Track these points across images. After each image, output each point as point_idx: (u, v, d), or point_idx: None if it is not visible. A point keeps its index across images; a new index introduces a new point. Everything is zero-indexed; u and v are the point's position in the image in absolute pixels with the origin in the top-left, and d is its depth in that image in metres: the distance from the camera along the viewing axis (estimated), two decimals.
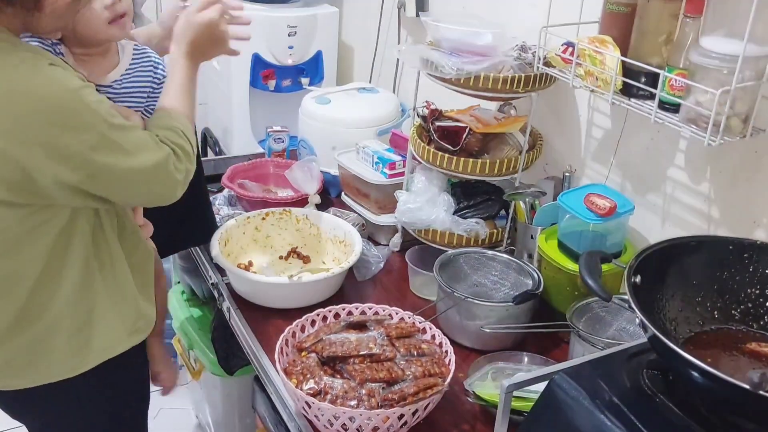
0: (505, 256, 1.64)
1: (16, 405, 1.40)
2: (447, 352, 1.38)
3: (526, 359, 1.45)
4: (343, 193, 2.04)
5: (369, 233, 1.94)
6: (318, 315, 1.47)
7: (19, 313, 1.25)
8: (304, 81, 2.52)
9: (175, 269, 2.32)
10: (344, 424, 1.23)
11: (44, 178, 1.13)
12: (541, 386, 1.05)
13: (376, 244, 1.90)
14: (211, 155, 2.63)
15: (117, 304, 1.33)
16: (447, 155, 1.65)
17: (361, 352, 1.31)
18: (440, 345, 1.41)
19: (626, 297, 1.04)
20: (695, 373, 0.92)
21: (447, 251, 1.65)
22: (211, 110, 2.70)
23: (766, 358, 1.07)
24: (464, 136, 1.67)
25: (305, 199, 1.98)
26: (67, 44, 1.33)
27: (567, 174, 1.74)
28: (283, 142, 2.26)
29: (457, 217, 1.72)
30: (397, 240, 1.88)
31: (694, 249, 1.16)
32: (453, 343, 1.42)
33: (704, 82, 1.20)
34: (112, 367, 1.35)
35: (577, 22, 1.50)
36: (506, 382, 1.04)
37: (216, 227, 1.77)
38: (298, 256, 1.85)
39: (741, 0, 1.15)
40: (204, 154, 2.63)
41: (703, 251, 1.16)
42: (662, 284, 1.13)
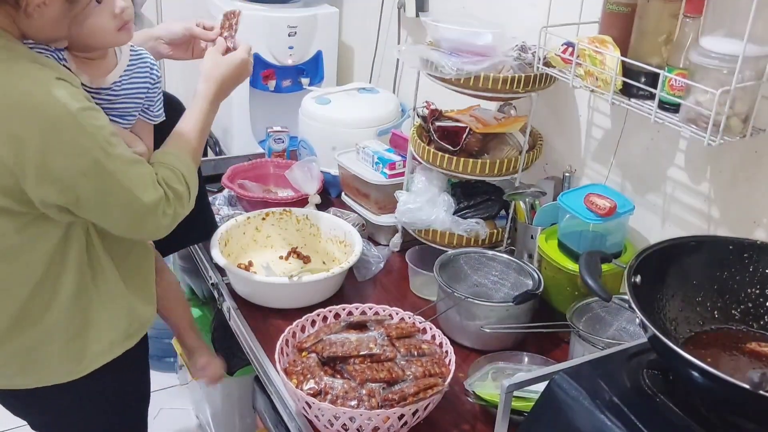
0: (505, 256, 1.64)
1: (17, 403, 1.41)
2: (447, 352, 1.38)
3: (526, 359, 1.45)
4: (343, 194, 2.04)
5: (369, 233, 1.94)
6: (318, 315, 1.47)
7: (17, 316, 1.25)
8: (304, 81, 2.51)
9: (175, 269, 2.32)
10: (344, 425, 1.23)
11: (33, 195, 1.14)
12: (541, 386, 1.05)
13: (376, 244, 1.90)
14: (211, 155, 2.63)
15: (109, 310, 1.33)
16: (447, 155, 1.65)
17: (362, 353, 1.31)
18: (440, 345, 1.41)
19: (626, 297, 1.04)
20: (695, 373, 0.92)
21: (447, 251, 1.65)
22: None
23: (766, 358, 1.07)
24: (464, 137, 1.67)
25: (305, 200, 1.98)
26: (69, 48, 1.32)
27: (567, 174, 1.74)
28: (283, 142, 2.25)
29: (457, 217, 1.72)
30: (397, 240, 1.88)
31: (694, 249, 1.16)
32: (453, 343, 1.42)
33: (704, 82, 1.20)
34: (111, 369, 1.35)
35: (577, 22, 1.50)
36: (506, 382, 1.04)
37: (216, 227, 1.77)
38: (298, 256, 1.85)
39: (741, 0, 1.15)
40: (204, 154, 2.62)
41: (703, 251, 1.16)
42: (662, 284, 1.13)
